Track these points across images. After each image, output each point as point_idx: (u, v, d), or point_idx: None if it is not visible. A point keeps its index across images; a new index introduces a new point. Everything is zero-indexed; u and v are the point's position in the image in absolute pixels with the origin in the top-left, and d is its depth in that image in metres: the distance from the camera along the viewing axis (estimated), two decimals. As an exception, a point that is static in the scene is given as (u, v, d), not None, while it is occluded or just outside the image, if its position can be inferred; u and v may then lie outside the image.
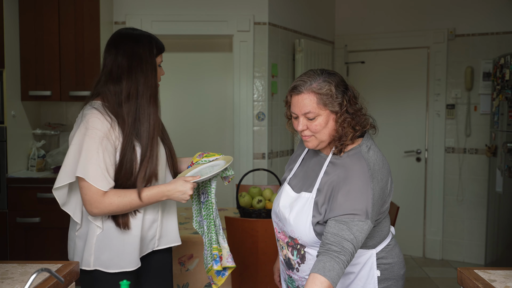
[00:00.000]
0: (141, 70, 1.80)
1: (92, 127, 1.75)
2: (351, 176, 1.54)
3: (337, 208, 1.51)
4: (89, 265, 1.80)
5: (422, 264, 4.75)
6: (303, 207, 1.61)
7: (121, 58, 1.81)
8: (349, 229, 1.48)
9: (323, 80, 1.58)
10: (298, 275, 1.69)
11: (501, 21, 4.57)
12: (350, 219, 1.49)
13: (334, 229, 1.49)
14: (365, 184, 1.52)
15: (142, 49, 1.83)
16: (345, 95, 1.59)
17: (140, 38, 1.86)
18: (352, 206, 1.50)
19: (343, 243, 1.46)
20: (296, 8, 4.56)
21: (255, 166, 4.11)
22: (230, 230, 2.45)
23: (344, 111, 1.58)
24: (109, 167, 1.76)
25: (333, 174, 1.59)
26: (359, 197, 1.51)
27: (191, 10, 4.10)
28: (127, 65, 1.80)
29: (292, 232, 1.64)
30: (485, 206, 4.54)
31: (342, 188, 1.54)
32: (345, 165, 1.58)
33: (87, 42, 3.73)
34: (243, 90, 4.13)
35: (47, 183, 3.52)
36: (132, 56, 1.81)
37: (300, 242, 1.63)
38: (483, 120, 4.65)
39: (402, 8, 4.95)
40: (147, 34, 1.91)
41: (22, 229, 3.52)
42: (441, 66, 4.80)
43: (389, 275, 1.67)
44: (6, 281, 1.45)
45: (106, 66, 1.84)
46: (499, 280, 1.51)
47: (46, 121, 4.09)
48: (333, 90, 1.57)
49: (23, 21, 3.68)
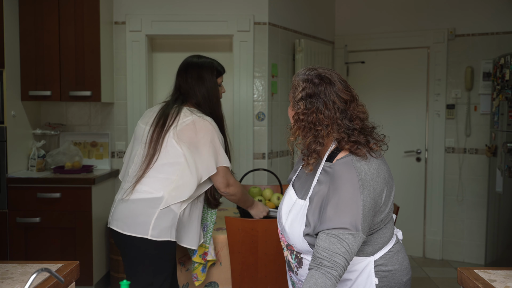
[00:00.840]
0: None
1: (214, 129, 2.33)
2: (340, 187, 1.49)
3: (327, 221, 1.47)
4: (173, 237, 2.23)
5: (422, 264, 4.75)
6: (297, 215, 1.61)
7: (190, 79, 2.41)
8: (340, 243, 1.44)
9: (306, 72, 1.61)
10: (297, 278, 1.69)
11: (501, 21, 4.57)
12: (340, 232, 1.45)
13: (325, 243, 1.45)
14: (354, 196, 1.47)
15: (205, 72, 2.42)
16: (308, 100, 1.55)
17: (203, 64, 2.45)
18: (341, 219, 1.45)
19: (334, 258, 1.43)
20: (296, 8, 4.56)
21: (255, 166, 4.11)
22: (230, 230, 2.45)
23: (299, 113, 1.57)
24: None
25: (324, 184, 1.55)
26: (348, 209, 1.46)
27: (191, 10, 4.10)
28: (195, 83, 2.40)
29: (288, 239, 1.65)
30: (485, 206, 4.54)
31: (331, 200, 1.49)
32: (335, 174, 1.53)
33: (87, 42, 3.74)
34: (243, 90, 4.13)
35: (47, 183, 3.52)
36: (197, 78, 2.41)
37: (295, 249, 1.63)
38: (483, 120, 4.65)
39: (402, 8, 4.95)
40: (209, 60, 2.49)
41: (22, 229, 3.52)
42: (441, 66, 4.80)
43: (389, 282, 1.61)
44: (6, 281, 1.45)
45: (180, 86, 2.43)
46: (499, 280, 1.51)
47: (46, 121, 4.09)
48: (300, 86, 1.59)
49: (23, 21, 3.68)
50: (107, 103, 4.10)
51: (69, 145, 3.92)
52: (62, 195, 3.52)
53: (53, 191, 3.52)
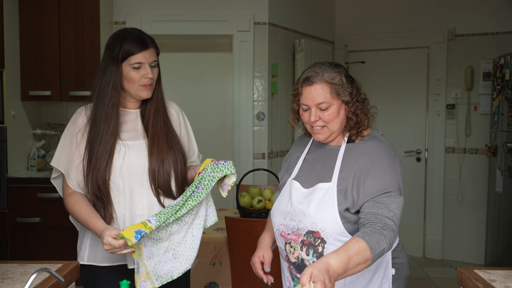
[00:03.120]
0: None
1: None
2: (376, 157, 1.57)
3: (371, 190, 1.52)
4: (83, 260, 1.85)
5: (422, 264, 4.75)
6: (323, 197, 1.58)
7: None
8: (387, 207, 1.49)
9: (334, 70, 1.62)
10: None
11: (501, 21, 4.57)
12: (386, 197, 1.51)
13: (372, 209, 1.50)
14: (391, 162, 1.57)
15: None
16: (353, 85, 1.65)
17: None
18: (385, 184, 1.52)
19: (384, 220, 1.47)
20: (296, 8, 4.55)
21: (255, 166, 4.11)
22: (230, 230, 2.45)
23: (355, 100, 1.63)
24: None
25: (354, 160, 1.60)
26: (389, 174, 1.54)
27: (191, 10, 4.10)
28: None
29: (313, 225, 1.58)
30: (485, 206, 4.54)
31: (371, 170, 1.55)
32: (366, 149, 1.61)
33: (87, 42, 3.74)
34: (243, 90, 4.13)
35: (47, 183, 3.52)
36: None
37: (323, 234, 1.57)
38: (483, 120, 4.65)
39: (402, 8, 4.95)
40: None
41: (22, 229, 3.52)
42: (441, 66, 4.80)
43: (400, 275, 1.67)
44: (6, 281, 1.45)
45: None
46: (499, 280, 1.51)
47: (46, 121, 4.09)
48: (344, 80, 1.62)
49: (23, 21, 3.68)
50: (107, 103, 4.10)
51: (69, 145, 3.92)
52: (62, 195, 3.52)
53: (53, 191, 3.51)
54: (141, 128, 1.88)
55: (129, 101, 1.88)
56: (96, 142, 1.78)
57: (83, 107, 1.88)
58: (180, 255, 1.80)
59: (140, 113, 1.91)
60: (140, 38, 1.80)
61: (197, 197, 1.77)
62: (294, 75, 4.51)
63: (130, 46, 1.77)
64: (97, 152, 1.77)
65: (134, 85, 1.80)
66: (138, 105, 1.91)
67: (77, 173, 1.80)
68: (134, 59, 1.77)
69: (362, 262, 1.38)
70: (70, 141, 1.82)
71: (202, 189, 1.78)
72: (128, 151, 1.81)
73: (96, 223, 1.71)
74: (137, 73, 1.78)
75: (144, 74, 1.78)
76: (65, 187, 1.82)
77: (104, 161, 1.77)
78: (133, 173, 1.81)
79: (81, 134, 1.82)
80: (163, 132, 1.88)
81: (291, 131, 4.58)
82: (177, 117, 1.99)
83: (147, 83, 1.80)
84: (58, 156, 1.82)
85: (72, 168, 1.80)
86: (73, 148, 1.81)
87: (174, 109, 2.01)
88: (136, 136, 1.86)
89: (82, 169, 1.79)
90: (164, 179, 1.84)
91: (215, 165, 1.81)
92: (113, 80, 1.78)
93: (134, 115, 1.90)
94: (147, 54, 1.79)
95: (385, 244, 1.43)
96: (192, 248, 1.82)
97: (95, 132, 1.79)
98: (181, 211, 1.74)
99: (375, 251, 1.40)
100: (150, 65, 1.80)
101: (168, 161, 1.85)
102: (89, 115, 1.84)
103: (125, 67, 1.78)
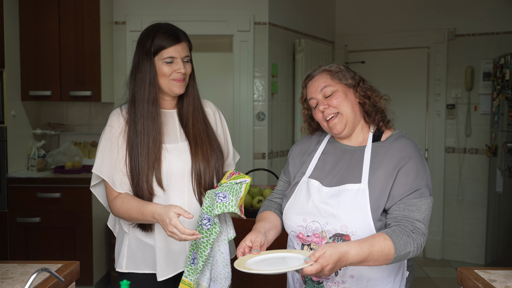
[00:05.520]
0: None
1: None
2: (409, 156, 1.55)
3: (403, 189, 1.50)
4: (121, 267, 1.79)
5: (422, 264, 4.75)
6: (354, 199, 1.50)
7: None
8: (419, 210, 1.48)
9: (331, 64, 1.68)
10: (335, 280, 1.54)
11: (501, 21, 4.57)
12: (418, 198, 1.49)
13: (404, 211, 1.48)
14: (422, 162, 1.56)
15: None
16: (355, 74, 1.68)
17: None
18: (417, 184, 1.50)
19: (415, 224, 1.46)
20: (296, 8, 4.56)
21: (255, 166, 4.11)
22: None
23: (360, 83, 1.65)
24: None
25: (384, 160, 1.55)
26: (421, 174, 1.52)
27: (191, 10, 4.10)
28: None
29: (343, 228, 1.49)
30: (485, 206, 4.54)
31: (403, 169, 1.52)
32: (396, 147, 1.58)
33: (87, 42, 3.74)
34: (243, 90, 4.13)
35: (47, 183, 3.52)
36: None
37: (353, 238, 1.48)
38: (483, 120, 4.65)
39: (402, 8, 4.95)
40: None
41: (22, 229, 3.52)
42: (441, 66, 4.80)
43: (410, 278, 1.66)
44: (6, 281, 1.45)
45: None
46: (499, 280, 1.51)
47: (46, 121, 4.10)
48: (342, 67, 1.66)
49: (23, 21, 3.68)
50: (107, 103, 4.10)
51: (69, 145, 3.92)
52: (62, 195, 3.52)
53: (53, 191, 3.52)
54: (179, 130, 1.81)
55: (165, 100, 1.81)
56: (138, 143, 1.70)
57: (118, 108, 1.80)
58: (217, 276, 1.68)
59: (177, 113, 1.84)
60: (173, 31, 1.74)
61: (224, 207, 1.57)
62: (294, 75, 4.51)
63: (162, 40, 1.71)
64: (140, 154, 1.69)
65: (166, 80, 1.74)
66: (174, 104, 1.84)
67: (121, 177, 1.72)
68: (166, 53, 1.71)
69: (382, 259, 1.37)
70: (110, 147, 1.74)
71: (230, 200, 1.58)
72: (168, 155, 1.74)
73: (152, 205, 1.62)
74: (169, 68, 1.72)
75: (176, 68, 1.72)
76: (110, 192, 1.74)
77: (151, 165, 1.70)
78: (173, 178, 1.74)
79: (121, 138, 1.74)
80: (204, 131, 1.81)
81: (291, 131, 4.58)
82: (213, 116, 1.92)
83: (179, 78, 1.74)
84: (100, 163, 1.74)
85: (116, 172, 1.73)
86: (114, 154, 1.73)
87: (210, 108, 1.94)
88: (174, 139, 1.78)
89: (126, 171, 1.72)
90: (210, 180, 1.78)
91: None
92: (149, 76, 1.72)
93: (171, 115, 1.83)
94: (180, 48, 1.73)
95: (412, 248, 1.42)
96: (226, 265, 1.68)
97: (135, 133, 1.71)
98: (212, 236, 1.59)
99: (399, 252, 1.39)
100: (182, 60, 1.75)
101: (212, 161, 1.78)
102: (126, 116, 1.76)
103: (158, 62, 1.72)
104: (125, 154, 1.73)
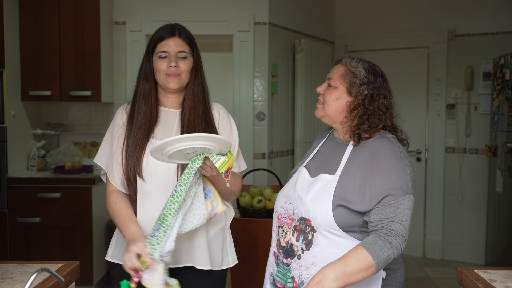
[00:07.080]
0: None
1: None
2: (383, 156, 1.55)
3: (377, 191, 1.51)
4: (108, 256, 1.86)
5: (422, 264, 4.75)
6: (323, 188, 1.59)
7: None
8: (396, 210, 1.49)
9: (363, 65, 1.67)
10: (299, 263, 1.63)
11: (501, 21, 4.57)
12: (394, 200, 1.49)
13: (381, 215, 1.50)
14: (398, 161, 1.55)
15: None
16: (370, 87, 1.62)
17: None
18: (392, 184, 1.50)
19: (390, 226, 1.47)
20: (296, 8, 4.56)
21: (255, 166, 4.11)
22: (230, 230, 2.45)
23: (360, 100, 1.61)
24: None
25: (361, 158, 1.59)
26: (396, 173, 1.52)
27: (191, 10, 4.10)
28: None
29: (306, 212, 1.59)
30: (485, 206, 4.54)
31: (376, 169, 1.54)
32: (374, 147, 1.59)
33: (87, 42, 3.74)
34: (243, 90, 4.13)
35: (47, 183, 3.52)
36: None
37: (313, 223, 1.57)
38: (483, 120, 4.65)
39: (402, 8, 4.95)
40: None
41: (22, 229, 3.52)
42: (441, 66, 4.80)
43: (391, 281, 1.64)
44: (6, 281, 1.45)
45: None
46: (499, 280, 1.51)
47: (46, 121, 4.10)
48: (363, 75, 1.63)
49: (23, 21, 3.68)
50: (107, 103, 4.10)
51: (69, 145, 3.92)
52: (62, 195, 3.52)
53: (53, 191, 3.52)
54: (176, 127, 1.80)
55: (167, 97, 1.83)
56: (131, 135, 1.77)
57: (124, 104, 1.89)
58: (189, 220, 1.65)
59: (180, 113, 1.83)
60: (171, 26, 1.80)
61: (176, 198, 1.55)
62: (294, 75, 4.51)
63: (159, 33, 1.79)
64: (130, 145, 1.75)
65: (162, 75, 1.77)
66: (178, 103, 1.84)
67: (117, 168, 1.77)
68: (159, 47, 1.76)
69: (363, 269, 1.41)
70: (111, 138, 1.83)
71: (180, 186, 1.55)
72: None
73: (130, 228, 1.67)
74: (163, 63, 1.76)
75: (169, 63, 1.75)
76: (108, 184, 1.81)
77: (135, 155, 1.74)
78: (158, 173, 1.73)
79: (121, 130, 1.81)
80: (201, 128, 1.78)
81: (291, 131, 4.58)
82: (218, 117, 1.86)
83: (171, 72, 1.75)
84: (100, 153, 1.84)
85: (113, 162, 1.78)
86: (114, 144, 1.80)
87: (218, 111, 1.88)
88: (168, 135, 1.77)
89: (121, 162, 1.77)
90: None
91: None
92: (148, 72, 1.80)
93: (173, 114, 1.83)
94: (172, 42, 1.76)
95: (390, 250, 1.44)
96: (199, 208, 1.66)
97: (130, 126, 1.79)
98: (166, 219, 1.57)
99: (378, 257, 1.42)
100: (176, 55, 1.76)
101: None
102: (128, 111, 1.84)
103: (154, 57, 1.79)
104: (122, 145, 1.79)
